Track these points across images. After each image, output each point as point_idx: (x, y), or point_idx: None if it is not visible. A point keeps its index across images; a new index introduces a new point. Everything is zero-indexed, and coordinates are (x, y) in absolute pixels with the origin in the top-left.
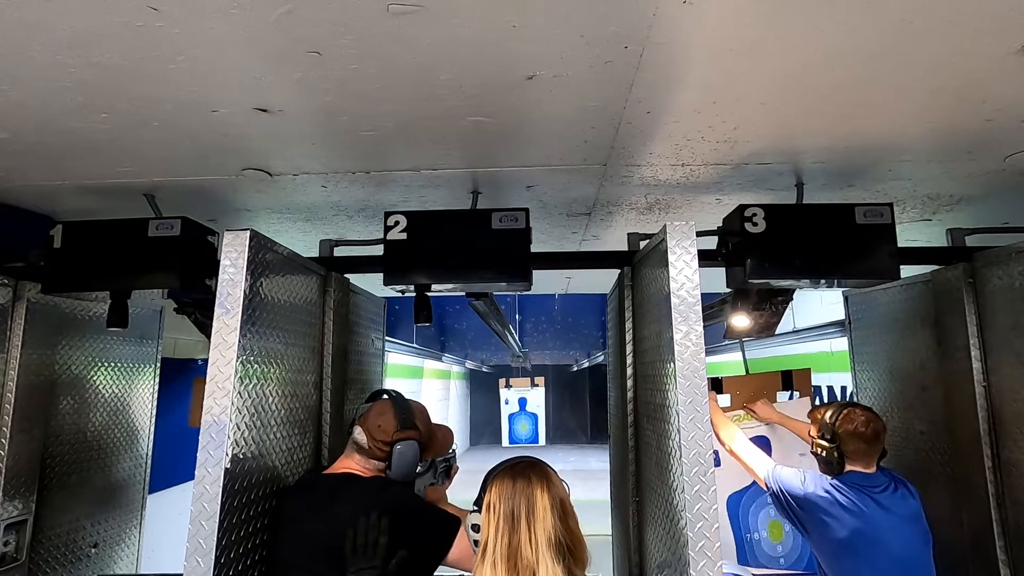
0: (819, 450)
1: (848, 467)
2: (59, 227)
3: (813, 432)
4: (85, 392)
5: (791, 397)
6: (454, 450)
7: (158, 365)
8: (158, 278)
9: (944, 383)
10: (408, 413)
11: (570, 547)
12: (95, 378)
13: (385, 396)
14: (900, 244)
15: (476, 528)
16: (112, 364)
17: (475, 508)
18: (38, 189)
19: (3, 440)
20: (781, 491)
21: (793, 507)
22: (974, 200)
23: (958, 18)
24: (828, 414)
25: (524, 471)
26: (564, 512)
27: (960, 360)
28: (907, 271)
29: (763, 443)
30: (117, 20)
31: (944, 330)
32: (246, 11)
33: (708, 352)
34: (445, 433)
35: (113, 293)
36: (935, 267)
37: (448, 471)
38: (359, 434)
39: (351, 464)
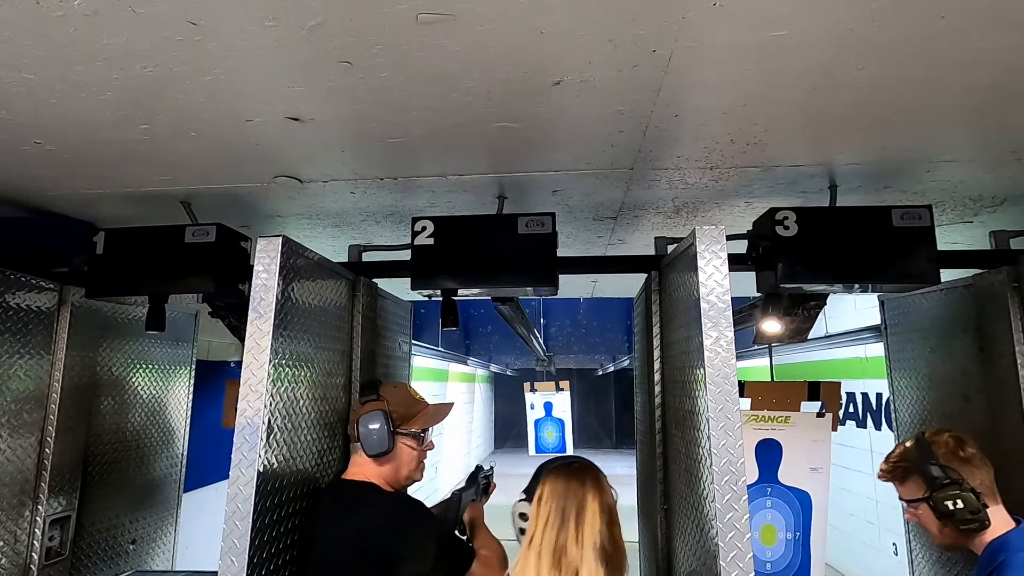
0: (950, 503)
1: (993, 522)
2: (101, 234)
3: (914, 487)
4: (124, 393)
5: (821, 411)
6: (492, 467)
7: (193, 367)
8: (194, 283)
9: (988, 391)
10: (371, 388)
11: (613, 554)
12: (134, 379)
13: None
14: (940, 247)
15: (523, 516)
16: (150, 366)
17: (524, 497)
18: (81, 197)
19: (49, 439)
20: None
21: None
22: (1019, 201)
23: (996, 12)
24: (915, 442)
25: (579, 474)
26: (611, 520)
27: (1005, 368)
28: (947, 275)
29: (774, 447)
30: (157, 35)
31: (987, 336)
32: (279, 23)
33: (736, 358)
34: (438, 405)
35: (151, 297)
36: (977, 271)
37: (487, 488)
38: (349, 427)
39: (355, 463)
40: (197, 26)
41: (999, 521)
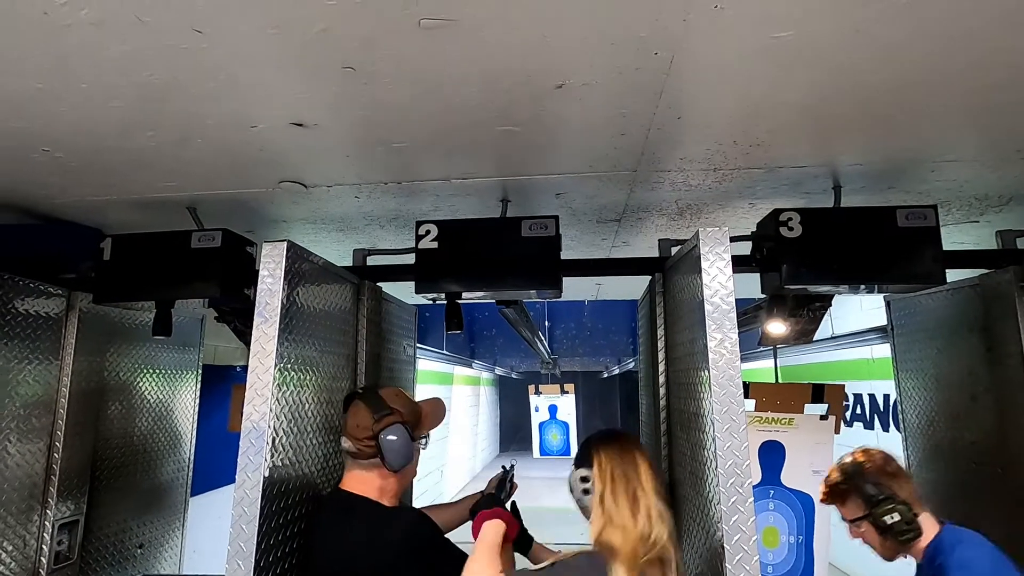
0: (887, 518)
1: (924, 528)
2: (109, 240)
3: (854, 507)
4: (131, 397)
5: (825, 415)
6: (513, 464)
7: (199, 371)
8: (200, 288)
9: (996, 392)
10: (379, 401)
11: (666, 497)
12: (141, 384)
13: (356, 398)
14: (945, 247)
15: (584, 479)
16: (157, 371)
17: (580, 466)
18: (89, 204)
19: (57, 444)
20: None
21: None
22: None
23: (1005, 13)
24: (848, 463)
25: (627, 440)
26: (656, 474)
27: (1012, 368)
28: (953, 275)
29: (777, 449)
30: (163, 43)
31: (994, 336)
32: (283, 31)
33: (741, 359)
34: (434, 404)
35: (158, 302)
36: (984, 270)
37: (511, 488)
38: (345, 442)
39: (356, 477)
40: (202, 34)
41: (928, 527)
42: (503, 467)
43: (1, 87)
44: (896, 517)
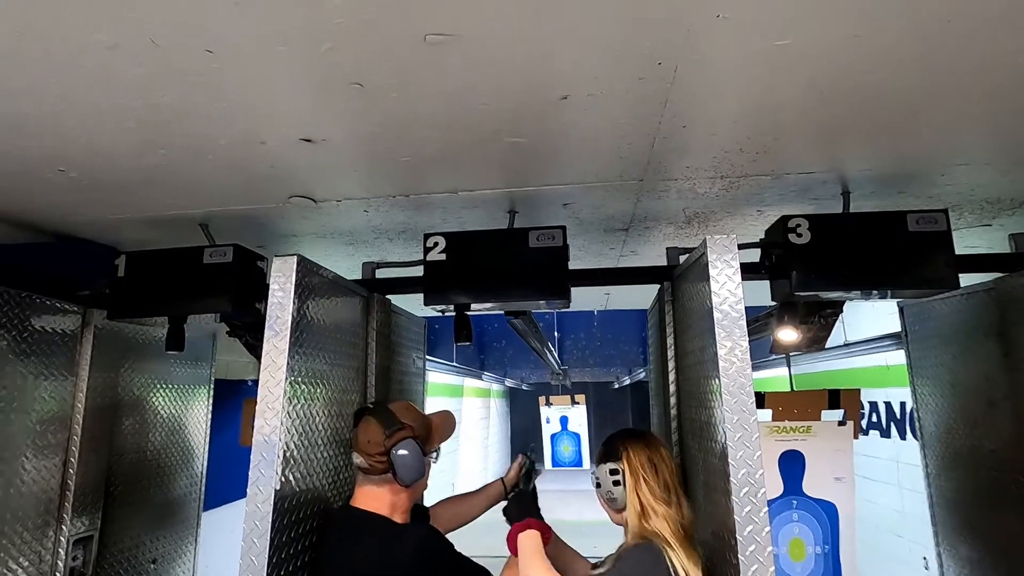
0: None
1: None
2: (123, 257)
3: None
4: (145, 413)
5: (843, 421)
6: (532, 447)
7: (212, 386)
8: (212, 303)
9: (1014, 398)
10: (390, 416)
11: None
12: (154, 399)
13: (363, 412)
14: (958, 251)
15: (614, 472)
16: (170, 386)
17: (607, 461)
18: (103, 222)
19: (72, 459)
20: None
21: None
22: None
23: (1004, 16)
24: None
25: (652, 440)
26: (678, 471)
27: None
28: (967, 279)
29: (797, 458)
30: (176, 64)
31: (1011, 341)
32: (292, 49)
33: (753, 368)
34: (444, 417)
35: (171, 318)
36: (998, 274)
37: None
38: (356, 458)
39: (367, 493)
40: (213, 54)
41: None
42: (522, 453)
43: (17, 109)
44: None
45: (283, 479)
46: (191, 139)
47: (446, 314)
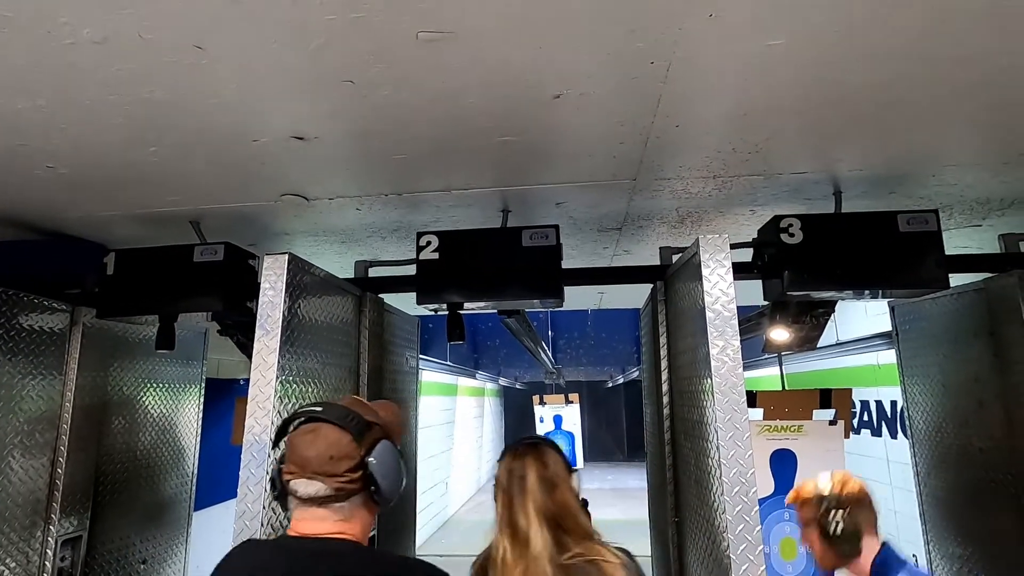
0: (831, 525)
1: (864, 551)
2: (112, 255)
3: (808, 510)
4: (135, 412)
5: (834, 420)
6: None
7: (203, 385)
8: (203, 302)
9: (1003, 398)
10: (351, 416)
11: (558, 513)
12: (144, 398)
13: (299, 421)
14: (948, 251)
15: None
16: (160, 385)
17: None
18: (93, 219)
19: (61, 459)
20: None
21: None
22: None
23: (992, 12)
24: (822, 485)
25: (522, 453)
26: (551, 486)
27: (1020, 373)
28: (957, 279)
29: (788, 458)
30: (165, 59)
31: (1001, 341)
32: (283, 45)
33: (745, 367)
34: (392, 408)
35: (161, 316)
36: (988, 274)
37: None
38: (309, 487)
39: (322, 522)
40: (203, 50)
41: (870, 548)
42: None
43: (4, 104)
44: (840, 527)
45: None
46: (181, 135)
47: (439, 313)
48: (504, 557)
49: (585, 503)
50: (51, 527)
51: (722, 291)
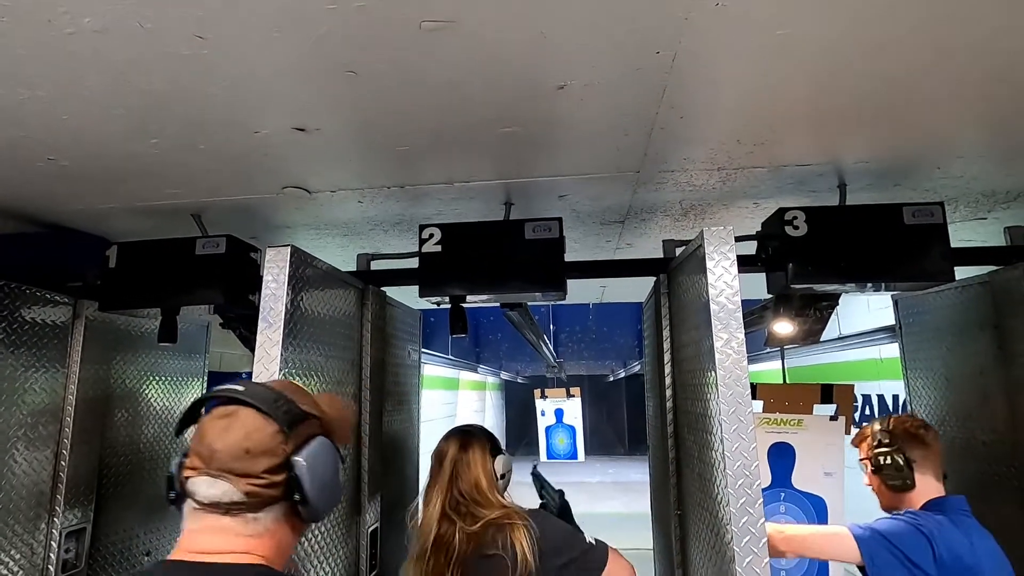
0: (882, 458)
1: (920, 487)
2: (114, 248)
3: (863, 451)
4: (138, 405)
5: (835, 416)
6: (535, 466)
7: (205, 379)
8: (205, 295)
9: (1007, 391)
10: (280, 400)
11: (468, 492)
12: (147, 392)
13: (212, 403)
14: (954, 244)
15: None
16: (163, 378)
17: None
18: (94, 212)
19: (64, 452)
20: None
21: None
22: None
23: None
24: (877, 424)
25: (452, 437)
26: (465, 466)
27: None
28: (962, 272)
29: (787, 451)
30: (166, 49)
31: (1005, 334)
32: (285, 34)
33: (748, 360)
34: (337, 402)
35: (163, 310)
36: (993, 267)
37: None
38: (212, 488)
39: (230, 541)
40: (204, 39)
41: (928, 488)
42: (532, 474)
43: (5, 95)
44: (889, 460)
45: None
46: (182, 127)
47: (441, 306)
48: (422, 524)
49: (562, 493)
50: (55, 519)
51: (727, 283)
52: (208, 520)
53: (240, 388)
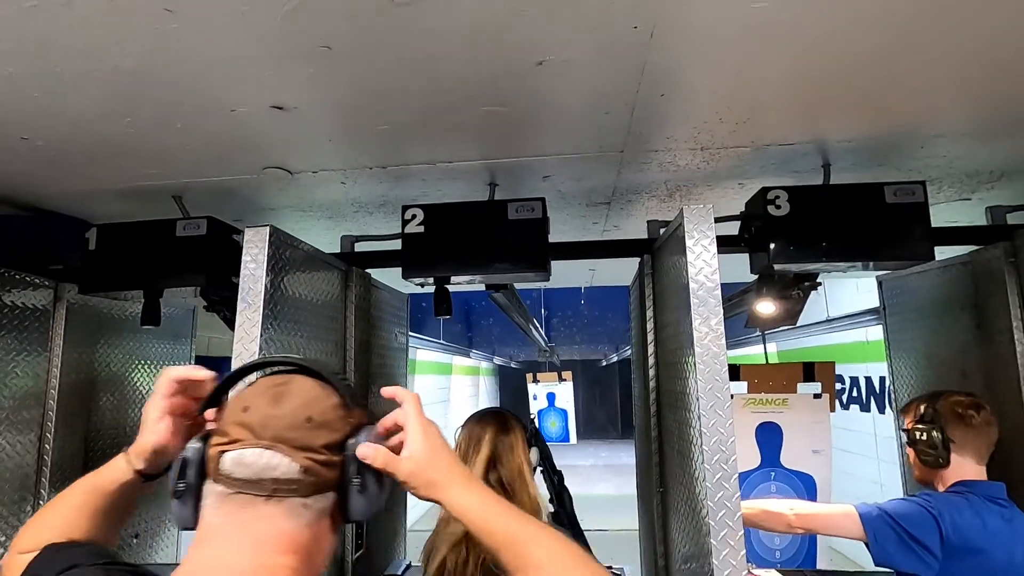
0: (919, 433)
1: (955, 466)
2: (94, 230)
3: (907, 422)
4: (123, 389)
5: (819, 394)
6: (532, 419)
7: (192, 363)
8: (186, 277)
9: (986, 368)
10: (341, 374)
11: (507, 481)
12: (132, 376)
13: (262, 373)
14: (938, 225)
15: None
16: (148, 362)
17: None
18: (74, 194)
19: (48, 435)
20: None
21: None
22: (1017, 176)
23: None
24: (941, 391)
25: (487, 419)
26: (509, 449)
27: (1002, 344)
28: (945, 252)
29: (774, 430)
30: (134, 24)
31: (984, 313)
32: (255, 8)
33: (734, 344)
34: None
35: (146, 292)
36: (974, 247)
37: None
38: (259, 460)
39: (273, 535)
40: (173, 13)
41: (963, 469)
42: (530, 432)
43: None
44: (924, 436)
45: None
46: (155, 105)
47: (426, 287)
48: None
49: (561, 476)
50: (40, 502)
51: (706, 262)
52: (242, 507)
53: (297, 357)
